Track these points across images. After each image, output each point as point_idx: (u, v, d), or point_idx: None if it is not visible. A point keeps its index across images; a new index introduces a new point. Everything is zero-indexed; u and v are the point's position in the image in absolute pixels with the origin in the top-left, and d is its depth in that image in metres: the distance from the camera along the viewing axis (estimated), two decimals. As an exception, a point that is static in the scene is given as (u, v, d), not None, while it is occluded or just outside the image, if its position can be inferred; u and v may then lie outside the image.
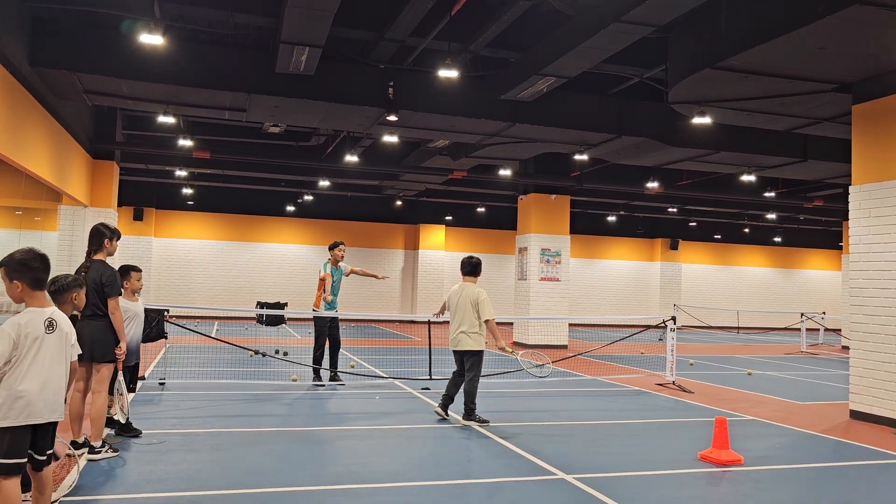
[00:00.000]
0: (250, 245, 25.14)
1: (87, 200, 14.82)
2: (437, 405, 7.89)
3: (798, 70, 8.57)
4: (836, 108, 10.02)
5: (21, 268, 3.73)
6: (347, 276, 10.51)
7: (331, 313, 10.17)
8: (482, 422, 7.59)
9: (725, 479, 5.76)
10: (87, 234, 6.07)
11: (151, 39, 9.06)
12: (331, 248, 10.36)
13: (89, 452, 5.69)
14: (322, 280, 10.19)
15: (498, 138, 13.98)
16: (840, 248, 30.11)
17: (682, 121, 12.96)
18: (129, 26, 10.27)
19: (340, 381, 10.27)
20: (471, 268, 7.84)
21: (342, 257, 10.37)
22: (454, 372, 7.83)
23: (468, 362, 7.63)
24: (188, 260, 24.39)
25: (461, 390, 7.73)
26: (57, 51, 10.17)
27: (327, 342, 10.20)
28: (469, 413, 7.61)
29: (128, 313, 6.36)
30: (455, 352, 7.73)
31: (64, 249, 14.65)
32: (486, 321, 7.60)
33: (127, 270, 6.61)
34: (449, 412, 7.92)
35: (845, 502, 5.20)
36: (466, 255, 8.01)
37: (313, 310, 10.28)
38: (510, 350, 7.74)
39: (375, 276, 10.86)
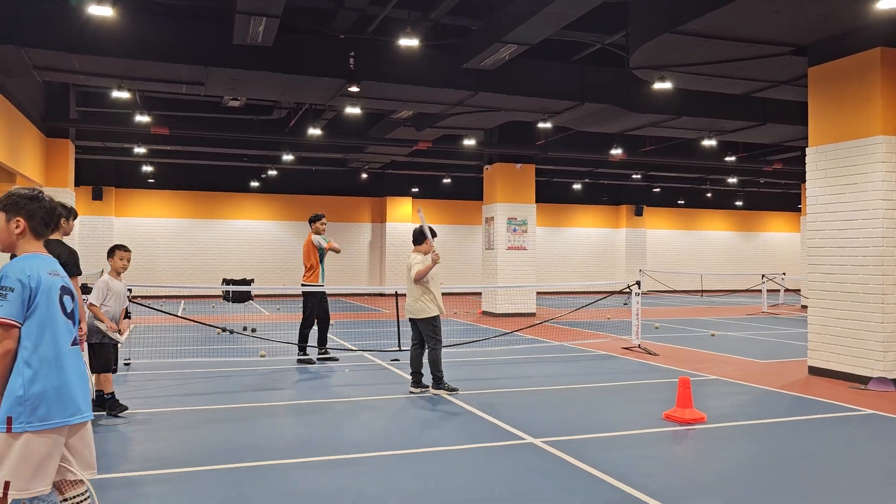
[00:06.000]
0: (214, 222, 24.79)
1: (43, 180, 14.46)
2: (410, 387, 7.79)
3: (755, 33, 8.64)
4: (792, 70, 10.14)
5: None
6: (326, 251, 10.13)
7: (319, 288, 9.95)
8: (451, 390, 7.66)
9: (689, 437, 5.91)
10: None
11: (101, 11, 8.78)
12: (313, 221, 10.08)
13: None
14: (328, 249, 9.94)
15: (461, 108, 13.91)
16: (799, 210, 30.69)
17: (643, 86, 13.01)
18: (78, -1, 9.94)
19: (334, 357, 10.05)
20: (413, 238, 7.99)
21: (324, 230, 10.12)
22: (412, 345, 7.87)
23: (424, 331, 7.70)
24: (151, 239, 23.99)
25: (425, 360, 7.78)
26: (2, 25, 9.81)
27: (316, 318, 9.96)
28: (437, 382, 7.67)
29: (111, 291, 6.53)
30: (411, 320, 7.84)
31: (20, 231, 14.30)
32: (414, 278, 7.63)
33: (114, 249, 6.63)
34: (426, 383, 7.85)
35: (802, 454, 5.38)
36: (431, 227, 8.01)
37: (303, 284, 9.99)
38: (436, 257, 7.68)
39: (336, 250, 10.30)
